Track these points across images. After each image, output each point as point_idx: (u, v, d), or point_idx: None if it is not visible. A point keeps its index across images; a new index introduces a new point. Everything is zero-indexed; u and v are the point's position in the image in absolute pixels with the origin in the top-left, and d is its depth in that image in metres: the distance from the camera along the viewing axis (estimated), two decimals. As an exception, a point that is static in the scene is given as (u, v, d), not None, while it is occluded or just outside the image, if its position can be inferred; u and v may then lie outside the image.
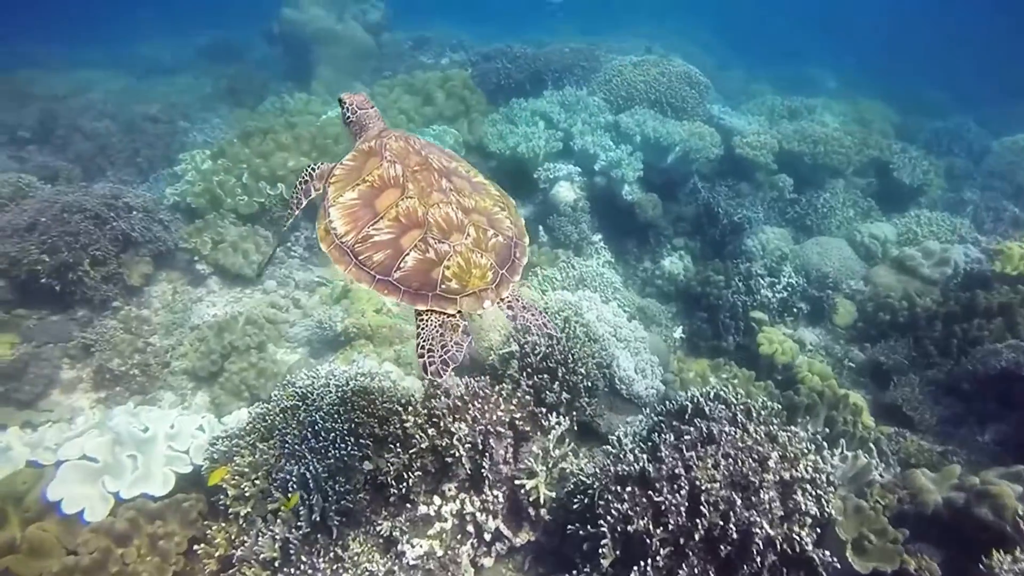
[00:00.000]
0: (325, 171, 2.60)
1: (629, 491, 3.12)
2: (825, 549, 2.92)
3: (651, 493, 3.06)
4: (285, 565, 3.37)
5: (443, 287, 2.23)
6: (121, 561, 3.50)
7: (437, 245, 2.26)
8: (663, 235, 7.94)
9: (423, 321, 2.24)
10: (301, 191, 2.67)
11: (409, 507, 3.57)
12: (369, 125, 2.77)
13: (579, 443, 4.20)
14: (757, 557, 2.84)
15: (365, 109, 2.78)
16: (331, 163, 2.62)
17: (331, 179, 2.49)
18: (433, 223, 2.29)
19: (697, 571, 2.88)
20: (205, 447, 4.09)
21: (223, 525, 3.70)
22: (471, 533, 3.58)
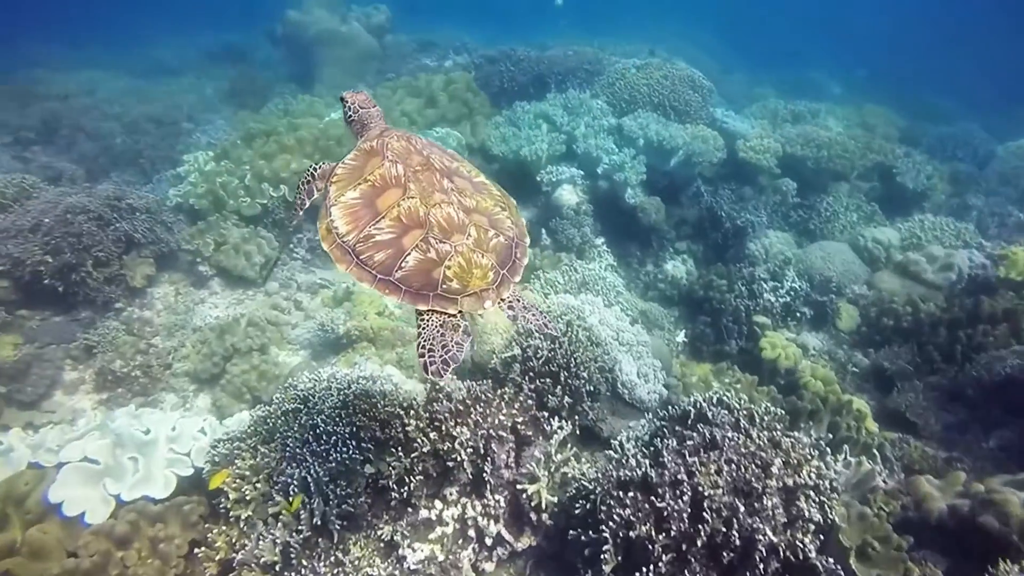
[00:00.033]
0: (327, 170, 2.61)
1: (631, 496, 3.10)
2: (828, 556, 2.90)
3: (653, 499, 3.04)
4: (286, 569, 3.37)
5: (444, 287, 2.23)
6: (122, 564, 3.49)
7: (438, 245, 2.26)
8: (666, 239, 7.92)
9: (424, 321, 2.25)
10: (304, 191, 2.67)
11: (410, 511, 3.56)
12: (371, 124, 2.76)
13: (581, 448, 4.19)
14: (760, 564, 2.82)
15: (367, 108, 2.77)
16: (333, 163, 2.62)
17: (333, 178, 2.49)
18: (435, 223, 2.29)
19: (699, 578, 2.86)
20: (206, 450, 4.09)
21: (224, 528, 3.69)
22: (472, 538, 3.56)
